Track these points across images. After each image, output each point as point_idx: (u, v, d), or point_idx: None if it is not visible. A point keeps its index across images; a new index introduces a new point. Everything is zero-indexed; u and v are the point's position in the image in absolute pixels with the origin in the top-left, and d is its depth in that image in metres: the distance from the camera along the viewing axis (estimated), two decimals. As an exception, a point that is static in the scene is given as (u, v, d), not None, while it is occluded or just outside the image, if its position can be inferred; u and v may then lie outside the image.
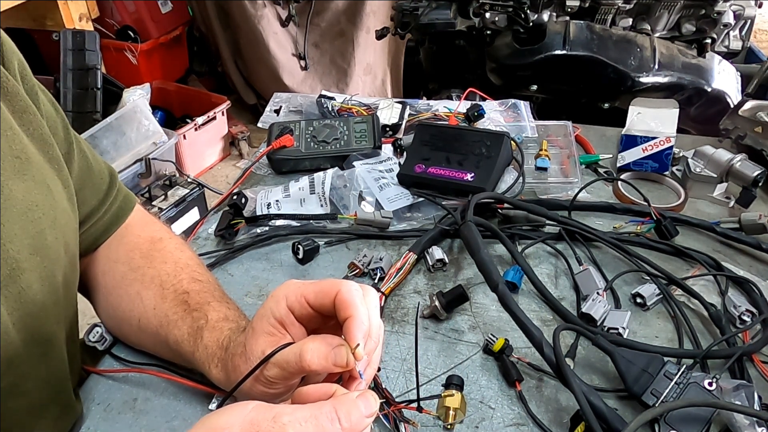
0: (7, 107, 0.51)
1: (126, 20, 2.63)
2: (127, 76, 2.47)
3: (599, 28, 1.63)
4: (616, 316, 0.68)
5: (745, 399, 0.55)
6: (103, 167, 0.66)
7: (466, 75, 1.83)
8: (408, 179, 0.88)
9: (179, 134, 2.28)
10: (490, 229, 0.76)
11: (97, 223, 0.65)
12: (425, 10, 1.72)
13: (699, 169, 0.91)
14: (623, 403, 0.60)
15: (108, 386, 0.62)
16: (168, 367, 0.63)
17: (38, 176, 0.52)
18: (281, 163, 0.94)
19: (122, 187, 0.68)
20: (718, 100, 1.62)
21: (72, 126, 0.62)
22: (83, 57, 2.08)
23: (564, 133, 1.01)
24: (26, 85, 0.55)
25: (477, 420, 0.59)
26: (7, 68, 0.53)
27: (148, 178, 2.08)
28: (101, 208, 0.65)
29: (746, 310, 0.69)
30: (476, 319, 0.70)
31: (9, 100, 0.52)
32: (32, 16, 2.19)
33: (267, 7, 2.59)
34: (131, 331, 0.64)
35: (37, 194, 0.51)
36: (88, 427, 0.58)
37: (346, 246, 0.82)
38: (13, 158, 0.50)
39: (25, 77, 0.55)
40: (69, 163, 0.59)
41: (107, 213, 0.65)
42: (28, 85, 0.55)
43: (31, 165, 0.51)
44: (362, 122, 0.96)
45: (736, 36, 1.72)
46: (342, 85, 2.75)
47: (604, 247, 0.80)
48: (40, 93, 0.57)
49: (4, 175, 0.48)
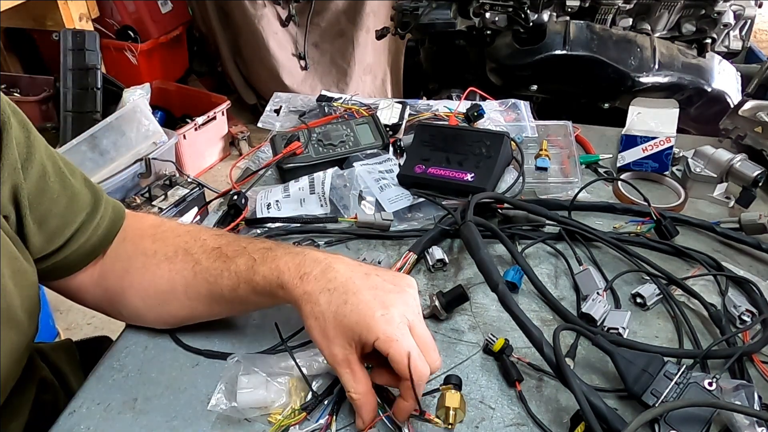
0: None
1: (126, 20, 2.63)
2: (127, 76, 2.47)
3: (599, 28, 1.63)
4: (616, 316, 0.68)
5: (745, 399, 0.55)
6: (82, 185, 0.64)
7: (466, 75, 1.83)
8: (408, 180, 0.88)
9: (179, 134, 2.28)
10: (490, 229, 0.76)
11: (81, 238, 0.63)
12: (425, 10, 1.72)
13: (699, 169, 0.91)
14: (623, 403, 0.60)
15: (108, 386, 0.62)
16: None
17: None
18: (295, 171, 0.91)
19: (108, 198, 0.67)
20: (718, 100, 1.62)
21: (72, 126, 0.62)
22: (83, 57, 2.08)
23: (564, 133, 1.01)
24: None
25: (477, 420, 0.59)
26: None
27: (148, 178, 2.08)
28: (89, 223, 0.63)
29: (746, 310, 0.69)
30: (476, 319, 0.70)
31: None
32: (32, 16, 2.19)
33: (267, 7, 2.59)
34: (179, 306, 0.64)
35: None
36: (88, 427, 0.58)
37: (346, 246, 0.82)
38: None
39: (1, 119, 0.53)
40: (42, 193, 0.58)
41: (102, 221, 0.64)
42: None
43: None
44: (364, 123, 0.96)
45: (736, 36, 1.72)
46: (342, 85, 2.75)
47: (604, 247, 0.80)
48: (13, 119, 0.54)
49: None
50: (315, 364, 0.61)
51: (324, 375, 0.61)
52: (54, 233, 0.60)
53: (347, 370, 0.54)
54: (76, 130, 2.01)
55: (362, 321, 0.53)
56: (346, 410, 0.59)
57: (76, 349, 0.82)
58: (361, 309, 0.53)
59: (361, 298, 0.54)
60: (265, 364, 0.60)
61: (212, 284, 0.62)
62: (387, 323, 0.52)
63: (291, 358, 0.60)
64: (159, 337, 0.67)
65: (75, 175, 0.63)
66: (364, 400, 0.54)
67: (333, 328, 0.54)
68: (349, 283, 0.55)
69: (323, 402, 0.59)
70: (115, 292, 0.66)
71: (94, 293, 0.66)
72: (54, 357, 0.77)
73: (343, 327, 0.53)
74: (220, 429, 0.57)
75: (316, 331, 0.55)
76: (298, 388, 0.59)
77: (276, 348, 0.65)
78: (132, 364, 0.64)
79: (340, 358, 0.54)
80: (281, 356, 0.62)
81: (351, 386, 0.54)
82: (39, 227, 0.58)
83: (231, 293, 0.61)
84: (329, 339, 0.54)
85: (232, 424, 0.58)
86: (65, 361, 0.78)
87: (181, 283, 0.63)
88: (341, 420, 0.58)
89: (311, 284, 0.56)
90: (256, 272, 0.59)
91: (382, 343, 0.52)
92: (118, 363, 0.65)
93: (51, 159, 0.59)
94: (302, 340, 0.66)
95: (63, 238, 0.61)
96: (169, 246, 0.65)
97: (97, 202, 0.64)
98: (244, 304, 0.63)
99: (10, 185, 0.54)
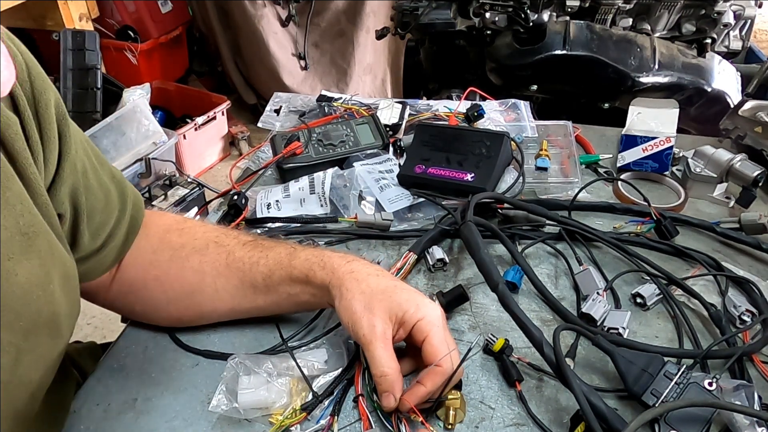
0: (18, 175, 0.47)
1: (126, 20, 2.62)
2: (127, 76, 2.46)
3: (599, 28, 1.63)
4: (616, 316, 0.68)
5: (745, 399, 0.55)
6: (110, 179, 0.63)
7: (466, 75, 1.83)
8: (408, 180, 0.88)
9: (179, 134, 2.27)
10: (490, 229, 0.76)
11: (117, 234, 0.62)
12: (425, 10, 1.72)
13: (699, 169, 0.91)
14: (623, 403, 0.60)
15: (108, 386, 0.62)
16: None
17: (44, 250, 0.49)
18: (295, 171, 0.91)
19: (130, 190, 0.66)
20: (718, 100, 1.62)
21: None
22: (83, 57, 2.08)
23: (564, 133, 1.01)
24: (61, 127, 0.52)
25: (477, 420, 0.59)
26: (42, 116, 0.49)
27: (148, 178, 2.07)
28: (122, 220, 0.63)
29: (746, 310, 0.69)
30: (476, 319, 0.70)
31: (21, 171, 0.48)
32: (32, 16, 2.19)
33: (267, 7, 2.59)
34: (204, 299, 0.65)
35: (39, 272, 0.48)
36: (88, 427, 0.58)
37: (346, 246, 0.82)
38: (21, 235, 0.47)
39: (62, 118, 0.51)
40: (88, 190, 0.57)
41: (124, 221, 0.63)
42: (62, 127, 0.52)
43: (38, 238, 0.48)
44: (364, 123, 0.97)
45: (736, 36, 1.72)
46: (342, 85, 2.75)
47: (604, 247, 0.80)
48: (71, 127, 0.54)
49: (6, 255, 0.45)
50: (316, 365, 0.61)
51: (324, 375, 0.61)
52: (97, 231, 0.59)
53: (382, 344, 0.55)
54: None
55: (412, 299, 0.58)
56: (347, 410, 0.59)
57: (101, 353, 0.81)
58: (411, 291, 0.59)
59: (409, 287, 0.60)
60: (265, 364, 0.60)
61: (245, 273, 0.63)
62: (434, 309, 0.58)
63: (291, 359, 0.60)
64: (159, 337, 0.67)
65: (104, 168, 0.61)
66: (396, 376, 0.55)
67: (379, 301, 0.56)
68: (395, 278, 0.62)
69: (324, 402, 0.59)
70: (134, 287, 0.65)
71: (111, 290, 0.65)
72: (81, 361, 0.76)
73: (390, 301, 0.56)
74: (220, 429, 0.57)
75: (359, 304, 0.56)
76: (299, 389, 0.59)
77: (276, 348, 0.65)
78: (132, 365, 0.64)
79: (379, 331, 0.55)
80: (282, 356, 0.62)
81: (384, 362, 0.55)
82: (88, 226, 0.57)
83: (264, 281, 0.62)
84: (372, 312, 0.56)
85: (233, 424, 0.58)
86: (91, 365, 0.77)
87: (211, 274, 0.64)
88: (342, 420, 0.58)
89: (359, 267, 0.60)
90: (296, 256, 0.62)
91: (426, 324, 0.56)
92: (118, 363, 0.65)
93: (87, 153, 0.58)
94: (302, 340, 0.66)
95: (104, 236, 0.60)
96: (198, 239, 0.66)
97: (123, 197, 0.63)
98: (273, 295, 0.64)
99: (70, 183, 0.53)
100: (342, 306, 0.58)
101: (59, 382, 0.60)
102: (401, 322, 0.57)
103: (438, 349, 0.56)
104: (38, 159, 0.49)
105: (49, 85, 0.51)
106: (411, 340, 0.59)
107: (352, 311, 0.57)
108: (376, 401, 0.58)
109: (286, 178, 0.91)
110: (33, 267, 0.48)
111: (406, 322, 0.57)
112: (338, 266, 0.60)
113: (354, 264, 0.61)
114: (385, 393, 0.55)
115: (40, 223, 0.49)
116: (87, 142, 0.59)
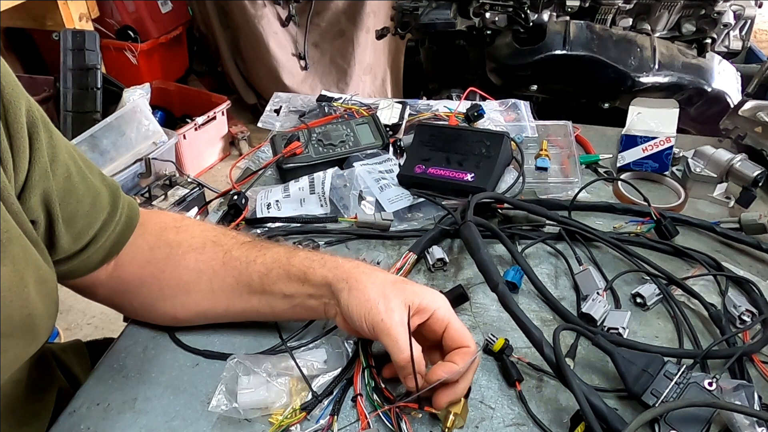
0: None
1: (126, 20, 2.63)
2: (127, 76, 2.47)
3: (599, 28, 1.63)
4: (616, 316, 0.68)
5: (745, 399, 0.55)
6: (101, 182, 0.63)
7: (466, 75, 1.83)
8: (408, 180, 0.88)
9: (179, 134, 2.27)
10: (490, 229, 0.77)
11: (105, 234, 0.62)
12: (425, 10, 1.72)
13: (699, 169, 0.91)
14: (623, 403, 0.60)
15: (108, 386, 0.62)
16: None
17: (17, 256, 0.49)
18: (295, 171, 0.91)
19: (124, 195, 0.66)
20: (718, 100, 1.62)
21: (72, 126, 0.61)
22: (83, 57, 2.08)
23: (564, 133, 1.01)
24: (31, 135, 0.52)
25: (477, 420, 0.59)
26: (11, 124, 0.49)
27: (148, 178, 2.07)
28: (111, 221, 0.63)
29: (746, 310, 0.69)
30: (476, 319, 0.70)
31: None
32: (32, 16, 2.19)
33: (267, 7, 2.59)
34: (200, 297, 0.65)
35: (13, 278, 0.49)
36: (88, 427, 0.58)
37: (346, 246, 0.82)
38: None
39: (33, 125, 0.51)
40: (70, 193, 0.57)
41: (120, 219, 0.64)
42: (32, 129, 0.52)
43: (12, 245, 0.49)
44: (364, 123, 0.97)
45: (736, 36, 1.72)
46: (342, 85, 2.75)
47: (604, 247, 0.80)
48: (42, 129, 0.53)
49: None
50: (315, 364, 0.61)
51: (324, 375, 0.61)
52: (80, 234, 0.59)
53: (402, 329, 0.55)
54: (76, 130, 2.01)
55: (425, 290, 0.58)
56: (346, 410, 0.59)
57: (86, 351, 0.82)
58: (420, 284, 0.60)
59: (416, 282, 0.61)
60: (265, 364, 0.60)
61: (241, 272, 0.63)
62: (444, 300, 0.59)
63: (291, 358, 0.60)
64: (159, 337, 0.67)
65: (93, 172, 0.62)
66: (420, 358, 0.55)
67: (393, 289, 0.57)
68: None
69: (323, 402, 0.59)
70: (132, 284, 0.65)
71: (107, 286, 0.66)
72: (65, 358, 0.76)
73: (404, 291, 0.57)
74: (219, 429, 0.57)
75: (373, 292, 0.56)
76: (299, 389, 0.59)
77: (276, 348, 0.65)
78: (132, 364, 0.64)
79: (397, 317, 0.55)
80: (281, 356, 0.62)
81: (406, 347, 0.54)
82: (67, 229, 0.57)
83: (260, 279, 0.62)
84: (388, 298, 0.56)
85: (232, 424, 0.58)
86: (76, 363, 0.77)
87: (207, 272, 0.64)
88: (342, 420, 0.58)
89: (363, 264, 0.61)
90: (295, 255, 0.62)
91: (444, 311, 0.57)
92: (117, 363, 0.65)
93: (72, 158, 0.58)
94: (302, 341, 0.66)
95: (87, 238, 0.60)
96: (195, 238, 0.66)
97: (115, 199, 0.63)
98: (268, 295, 0.63)
99: (41, 189, 0.53)
100: (353, 296, 0.57)
101: (40, 380, 0.60)
102: (417, 310, 0.57)
103: (464, 331, 0.57)
104: (8, 167, 0.49)
105: (21, 93, 0.50)
106: (425, 330, 0.58)
107: (366, 298, 0.56)
108: (376, 400, 0.58)
109: (286, 178, 0.91)
110: (6, 273, 0.48)
111: (423, 309, 0.57)
112: (341, 263, 0.60)
113: (357, 262, 0.61)
114: (410, 376, 0.55)
115: (13, 228, 0.49)
116: (72, 146, 0.60)
